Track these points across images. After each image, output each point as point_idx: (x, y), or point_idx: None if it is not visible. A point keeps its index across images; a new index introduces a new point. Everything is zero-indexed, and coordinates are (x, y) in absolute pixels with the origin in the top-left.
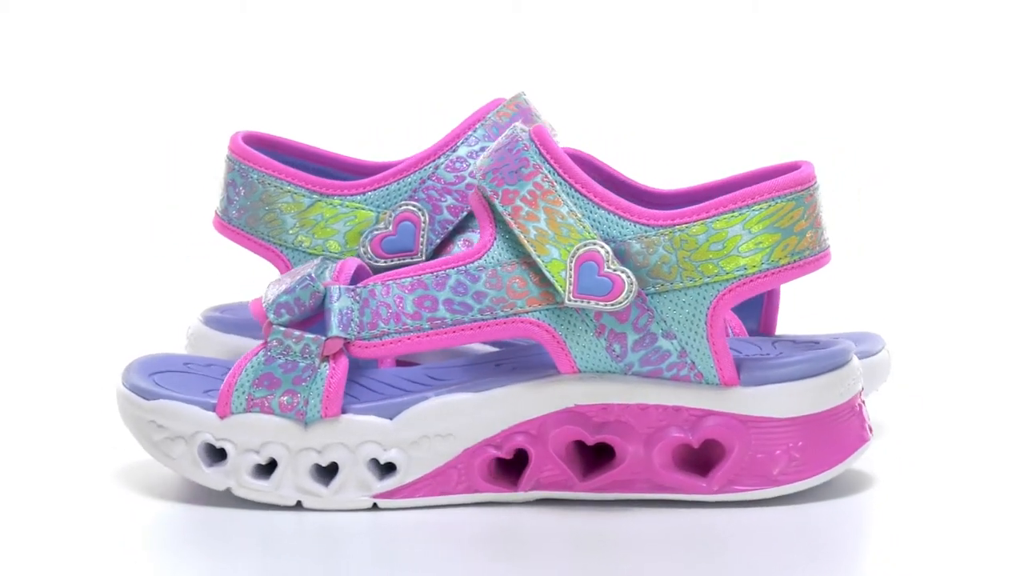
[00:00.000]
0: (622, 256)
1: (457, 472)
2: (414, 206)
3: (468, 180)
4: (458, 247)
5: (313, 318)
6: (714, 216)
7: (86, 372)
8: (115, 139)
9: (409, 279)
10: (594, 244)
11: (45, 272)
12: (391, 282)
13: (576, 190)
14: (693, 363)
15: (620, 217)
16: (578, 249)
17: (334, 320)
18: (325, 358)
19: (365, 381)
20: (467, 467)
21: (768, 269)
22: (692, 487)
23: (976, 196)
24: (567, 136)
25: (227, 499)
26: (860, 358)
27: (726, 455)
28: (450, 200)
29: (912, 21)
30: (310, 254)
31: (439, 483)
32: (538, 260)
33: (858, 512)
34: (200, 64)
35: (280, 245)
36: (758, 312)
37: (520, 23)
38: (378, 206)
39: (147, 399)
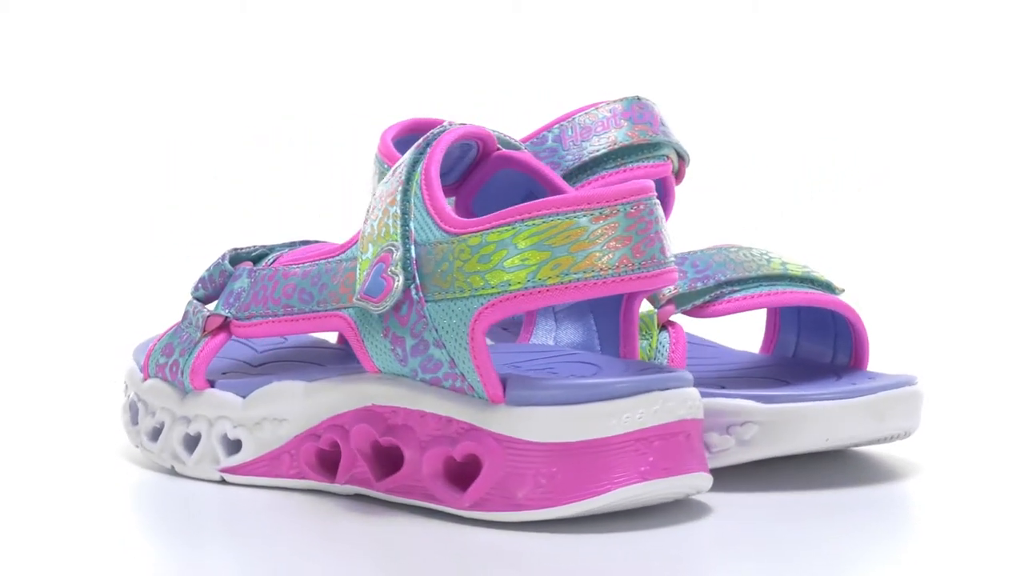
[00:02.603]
0: (420, 261)
1: (289, 457)
2: None
3: None
4: None
5: None
6: (490, 228)
7: (86, 371)
8: (116, 139)
9: (296, 266)
10: (392, 246)
11: (51, 273)
12: (281, 267)
13: (421, 192)
14: (463, 375)
15: (434, 222)
16: (382, 249)
17: (222, 298)
18: (207, 333)
19: None
20: (296, 453)
21: (532, 287)
22: (451, 501)
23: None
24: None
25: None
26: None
27: (480, 472)
28: None
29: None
30: None
31: (275, 465)
32: (359, 258)
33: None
34: (201, 63)
35: None
36: (849, 344)
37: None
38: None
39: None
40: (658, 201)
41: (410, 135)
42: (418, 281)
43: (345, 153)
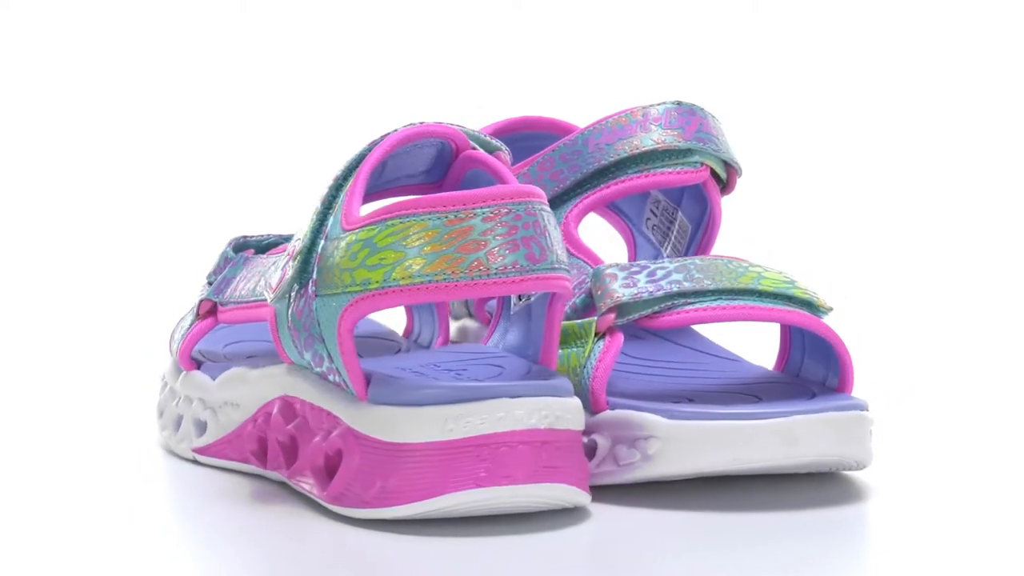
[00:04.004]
0: (322, 255)
1: (240, 440)
2: None
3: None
4: None
5: None
6: (362, 227)
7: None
8: (120, 141)
9: (273, 256)
10: (299, 239)
11: (69, 274)
12: (264, 255)
13: (345, 189)
14: (337, 370)
15: (341, 218)
16: (293, 244)
17: (215, 283)
18: (199, 316)
19: None
20: (243, 438)
21: (388, 287)
22: (320, 494)
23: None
24: None
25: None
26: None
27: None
28: None
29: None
30: None
31: (231, 448)
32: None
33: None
34: (201, 66)
35: None
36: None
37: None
38: None
39: None
40: (536, 206)
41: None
42: (314, 276)
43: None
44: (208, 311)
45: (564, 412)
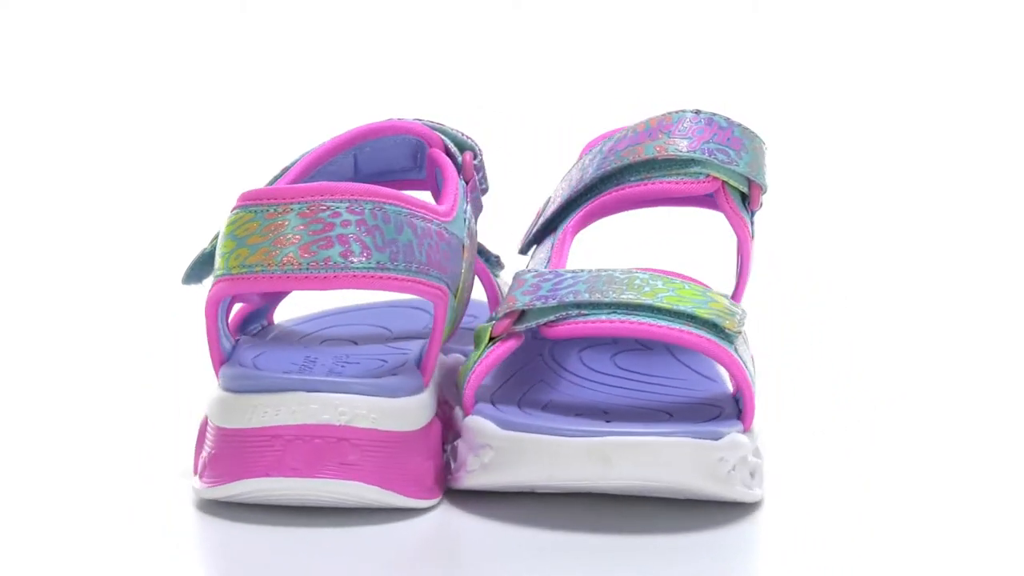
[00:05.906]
0: None
1: None
2: None
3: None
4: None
5: None
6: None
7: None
8: (125, 143)
9: None
10: None
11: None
12: None
13: (283, 175)
14: None
15: None
16: None
17: None
18: None
19: None
20: None
21: (226, 274)
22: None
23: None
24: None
25: None
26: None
27: None
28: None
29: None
30: None
31: None
32: None
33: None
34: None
35: None
36: None
37: None
38: None
39: None
40: (328, 203)
41: None
42: None
43: None
44: None
45: (368, 411)
